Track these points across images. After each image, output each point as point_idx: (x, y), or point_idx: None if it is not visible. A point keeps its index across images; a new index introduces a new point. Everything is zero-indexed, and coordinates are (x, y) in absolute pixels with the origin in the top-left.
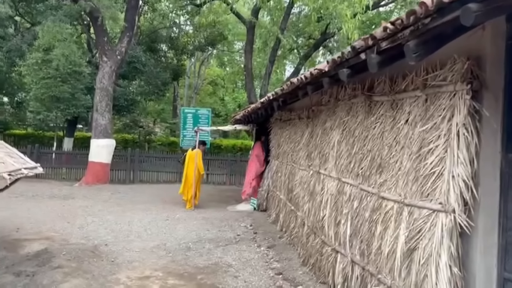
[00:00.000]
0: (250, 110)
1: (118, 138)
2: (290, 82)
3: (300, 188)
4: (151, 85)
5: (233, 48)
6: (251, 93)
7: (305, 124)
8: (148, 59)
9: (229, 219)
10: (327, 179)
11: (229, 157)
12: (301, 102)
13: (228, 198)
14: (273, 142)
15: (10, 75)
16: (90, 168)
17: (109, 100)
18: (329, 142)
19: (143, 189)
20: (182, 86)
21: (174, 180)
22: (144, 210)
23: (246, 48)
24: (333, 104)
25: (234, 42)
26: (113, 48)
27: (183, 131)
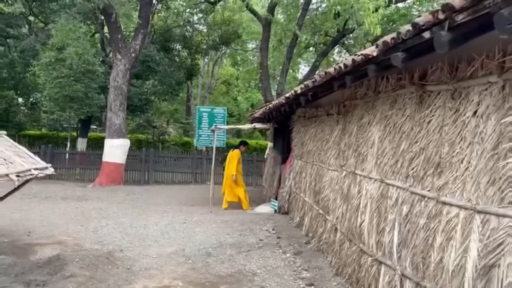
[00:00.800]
0: (272, 106)
1: (131, 138)
2: (325, 72)
3: (329, 190)
4: (165, 85)
5: (246, 48)
6: (267, 91)
7: (335, 120)
8: (162, 58)
9: (250, 222)
10: (365, 181)
11: (246, 157)
12: (330, 97)
13: None
14: (295, 141)
15: (25, 75)
16: (104, 169)
17: (123, 99)
18: (368, 140)
19: (158, 190)
20: (195, 86)
21: (189, 181)
22: (160, 212)
23: (261, 45)
24: (372, 97)
25: (247, 41)
26: (127, 46)
27: (199, 131)
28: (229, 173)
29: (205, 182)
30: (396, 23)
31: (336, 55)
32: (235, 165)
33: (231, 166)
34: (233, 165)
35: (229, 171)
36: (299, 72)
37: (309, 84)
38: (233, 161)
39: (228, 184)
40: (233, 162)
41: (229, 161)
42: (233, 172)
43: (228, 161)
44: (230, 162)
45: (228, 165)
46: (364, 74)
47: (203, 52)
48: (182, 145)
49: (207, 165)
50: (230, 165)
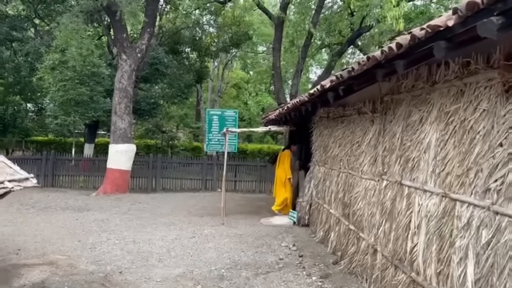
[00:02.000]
0: (291, 106)
1: (140, 144)
2: (368, 57)
3: (364, 202)
4: (174, 88)
5: (257, 51)
6: (280, 93)
7: (369, 120)
8: (170, 61)
9: (266, 236)
10: (417, 194)
11: (258, 162)
12: (361, 93)
13: (259, 208)
14: (316, 145)
15: (30, 79)
16: (109, 176)
17: (128, 102)
18: (419, 143)
19: (165, 199)
20: (205, 89)
21: (199, 188)
22: (167, 224)
23: (274, 45)
24: (424, 89)
25: (258, 43)
26: (132, 46)
27: (209, 135)
28: (281, 176)
29: (215, 189)
30: (414, 21)
31: (349, 57)
32: (289, 167)
33: (284, 169)
34: (287, 167)
35: (281, 173)
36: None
37: (343, 75)
38: (286, 163)
39: (279, 189)
40: (287, 164)
41: (281, 162)
42: (289, 175)
43: (280, 163)
44: (282, 164)
45: (280, 167)
46: (424, 56)
47: (213, 54)
48: (192, 150)
49: (218, 171)
50: (282, 167)
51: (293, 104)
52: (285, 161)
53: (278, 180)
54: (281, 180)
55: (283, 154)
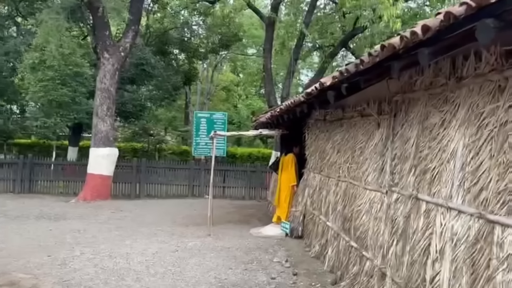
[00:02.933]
0: (285, 108)
1: (126, 147)
2: (382, 46)
3: (368, 217)
4: (162, 90)
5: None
6: (271, 95)
7: (375, 123)
8: (158, 62)
9: (256, 249)
10: (439, 212)
11: (248, 167)
12: (364, 93)
13: (249, 217)
14: (311, 150)
15: (12, 79)
16: (89, 182)
17: (111, 103)
18: (441, 150)
19: (149, 206)
20: (194, 92)
21: (185, 194)
22: (148, 235)
23: (265, 46)
24: (448, 86)
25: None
26: (116, 44)
27: (196, 138)
28: (285, 182)
29: (203, 196)
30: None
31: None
32: (294, 173)
33: (289, 175)
34: (292, 173)
35: (286, 179)
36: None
37: (349, 70)
38: (290, 168)
39: (284, 196)
40: (292, 169)
41: (285, 168)
42: (293, 182)
43: (283, 168)
44: (286, 169)
45: (284, 173)
46: (459, 42)
47: (202, 56)
48: (180, 153)
49: (206, 176)
50: (287, 173)
51: (287, 105)
52: (289, 166)
53: (283, 187)
54: (285, 186)
55: (286, 158)
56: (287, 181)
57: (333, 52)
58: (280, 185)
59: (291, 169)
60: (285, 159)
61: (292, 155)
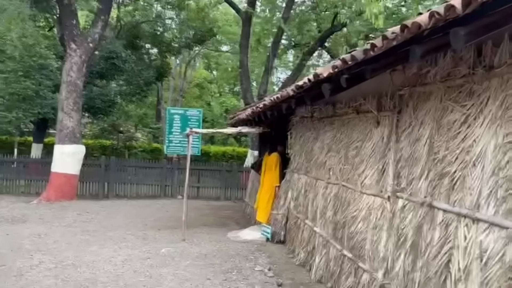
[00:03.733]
0: (269, 103)
1: (95, 144)
2: (403, 26)
3: (366, 225)
4: (132, 85)
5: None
6: (248, 92)
7: (374, 120)
8: (129, 56)
9: (236, 256)
10: (462, 223)
11: (224, 166)
12: (359, 88)
13: (226, 219)
14: (295, 150)
15: None
16: (53, 181)
17: (77, 97)
18: (465, 151)
19: (119, 207)
20: (166, 88)
21: (157, 195)
22: (117, 240)
23: (241, 42)
24: (474, 77)
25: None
26: (84, 34)
27: (169, 136)
28: (268, 183)
29: (176, 196)
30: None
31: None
32: (278, 173)
33: (272, 175)
34: (277, 174)
35: (269, 180)
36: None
37: (355, 57)
38: (275, 168)
39: (267, 198)
40: (276, 169)
41: (269, 167)
42: (277, 183)
43: (267, 168)
44: (270, 170)
45: (267, 173)
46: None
47: (175, 51)
48: (151, 151)
49: (179, 176)
50: (270, 173)
51: (273, 100)
52: (273, 166)
53: (266, 189)
54: (269, 187)
55: (271, 158)
56: (270, 182)
57: (311, 49)
58: (262, 186)
59: (276, 170)
60: (269, 158)
61: (277, 155)
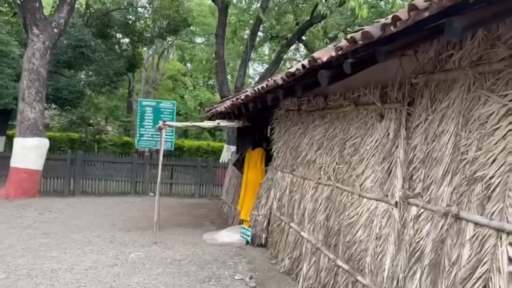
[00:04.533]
0: (253, 94)
1: (62, 137)
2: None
3: (367, 233)
4: (102, 76)
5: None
6: (224, 85)
7: (376, 114)
8: (98, 45)
9: (213, 262)
10: (505, 241)
11: (199, 162)
12: (357, 77)
13: (201, 218)
14: (279, 146)
15: None
16: (12, 177)
17: (40, 86)
18: (507, 151)
19: (85, 205)
20: (138, 80)
21: (128, 192)
22: (81, 244)
23: (217, 32)
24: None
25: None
26: (48, 19)
27: (140, 129)
28: (253, 181)
29: (147, 194)
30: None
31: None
32: (263, 170)
33: (258, 172)
34: (262, 171)
35: (253, 178)
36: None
37: (370, 35)
38: (260, 165)
39: (251, 196)
40: (262, 166)
41: (253, 164)
42: (261, 179)
43: (250, 164)
44: (254, 166)
45: (251, 170)
46: None
47: (148, 41)
48: (121, 145)
49: (151, 171)
50: (255, 170)
51: (257, 91)
52: (258, 163)
53: (250, 186)
54: (253, 185)
55: (255, 154)
56: (255, 180)
57: (290, 41)
58: (246, 184)
59: (261, 166)
60: (252, 154)
61: (261, 150)
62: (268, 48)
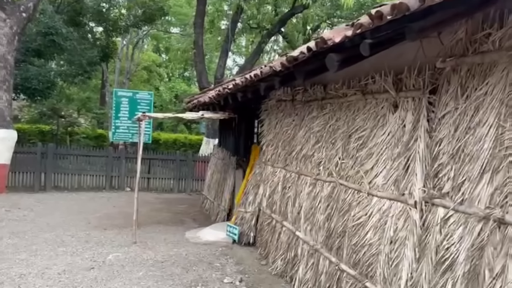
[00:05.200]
0: (243, 82)
1: (32, 129)
2: None
3: (379, 236)
4: (74, 65)
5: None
6: (203, 75)
7: (389, 103)
8: (70, 33)
9: (199, 263)
10: None
11: (178, 155)
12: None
13: (182, 215)
14: (269, 139)
15: None
16: None
17: (8, 74)
18: None
19: (57, 201)
20: (111, 71)
21: (103, 187)
22: (53, 244)
23: (195, 21)
24: None
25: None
26: (15, 2)
27: (116, 121)
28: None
29: (123, 189)
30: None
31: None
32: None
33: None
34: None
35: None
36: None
37: (405, 6)
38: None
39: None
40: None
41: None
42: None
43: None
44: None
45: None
46: None
47: (122, 29)
48: (95, 138)
49: (127, 165)
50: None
51: (248, 79)
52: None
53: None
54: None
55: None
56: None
57: (271, 31)
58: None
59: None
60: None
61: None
62: (245, 40)
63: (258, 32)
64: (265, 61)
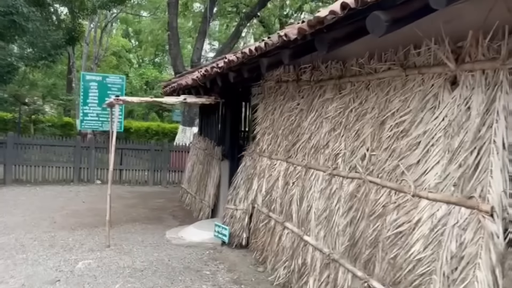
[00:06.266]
0: (238, 59)
1: None
2: None
3: (432, 250)
4: (37, 48)
5: (142, 15)
6: (178, 59)
7: (444, 80)
8: (32, 13)
9: (184, 271)
10: None
11: (152, 145)
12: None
13: (160, 211)
14: (265, 126)
15: None
16: None
17: None
18: None
19: (18, 197)
20: (78, 57)
21: (70, 179)
22: (11, 251)
23: (169, 1)
24: None
25: (143, 8)
26: None
27: (84, 107)
28: None
29: (93, 181)
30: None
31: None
32: None
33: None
34: None
35: None
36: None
37: None
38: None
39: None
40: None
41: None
42: None
43: None
44: None
45: None
46: None
47: (89, 10)
48: (61, 127)
49: (97, 156)
50: None
51: (247, 54)
52: None
53: None
54: None
55: None
56: None
57: (250, 13)
58: None
59: None
60: None
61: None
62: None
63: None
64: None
